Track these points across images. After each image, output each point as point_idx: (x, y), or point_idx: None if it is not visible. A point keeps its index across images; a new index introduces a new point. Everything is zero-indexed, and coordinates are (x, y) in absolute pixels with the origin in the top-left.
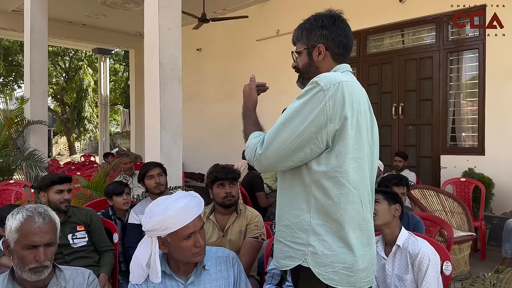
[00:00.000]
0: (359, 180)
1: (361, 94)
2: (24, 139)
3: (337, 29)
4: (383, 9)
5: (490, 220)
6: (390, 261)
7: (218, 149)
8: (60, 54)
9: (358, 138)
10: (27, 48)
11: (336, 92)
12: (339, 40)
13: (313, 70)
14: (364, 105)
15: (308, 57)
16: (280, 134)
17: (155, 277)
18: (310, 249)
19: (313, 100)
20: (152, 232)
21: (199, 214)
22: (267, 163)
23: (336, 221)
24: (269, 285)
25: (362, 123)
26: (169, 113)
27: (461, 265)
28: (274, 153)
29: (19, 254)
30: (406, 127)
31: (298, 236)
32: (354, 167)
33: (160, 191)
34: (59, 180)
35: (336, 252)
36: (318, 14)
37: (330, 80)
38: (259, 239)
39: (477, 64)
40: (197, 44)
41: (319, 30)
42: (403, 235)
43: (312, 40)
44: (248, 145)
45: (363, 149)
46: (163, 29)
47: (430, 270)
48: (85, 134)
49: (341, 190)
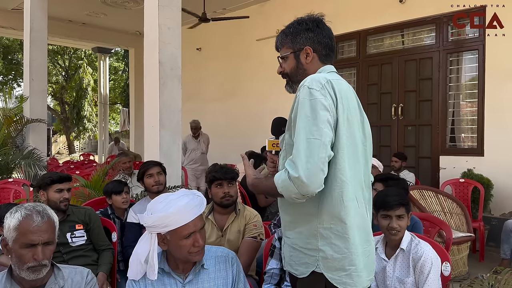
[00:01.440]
0: (354, 176)
1: (348, 91)
2: (23, 137)
3: (322, 31)
4: (383, 9)
5: (489, 221)
6: (392, 263)
7: (217, 149)
8: (60, 52)
9: (350, 135)
10: (27, 46)
11: (327, 90)
12: (325, 42)
13: (301, 73)
14: (353, 101)
15: (295, 60)
16: (310, 147)
17: (151, 273)
18: (321, 254)
19: (315, 103)
20: (152, 228)
21: (200, 213)
22: (314, 180)
23: (341, 221)
24: (268, 284)
25: (353, 119)
26: (168, 112)
27: (460, 266)
28: (317, 168)
29: (18, 253)
30: (405, 127)
31: (309, 241)
32: (349, 163)
33: (159, 190)
34: (59, 179)
35: (345, 255)
36: (301, 18)
37: (319, 81)
38: (257, 239)
39: (476, 65)
40: (197, 44)
41: (305, 33)
42: (407, 238)
43: (298, 44)
44: (282, 187)
45: (356, 146)
46: (163, 28)
47: (432, 273)
48: (84, 133)
49: (342, 187)
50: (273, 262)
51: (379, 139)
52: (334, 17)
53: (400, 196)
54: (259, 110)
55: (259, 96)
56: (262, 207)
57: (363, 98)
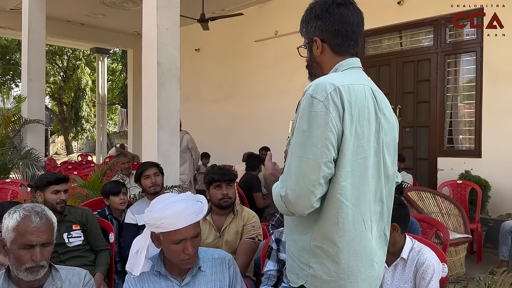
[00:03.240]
0: (359, 195)
1: (363, 96)
2: (21, 138)
3: (331, 16)
4: (381, 11)
5: (486, 223)
6: (391, 270)
7: (216, 150)
8: (58, 53)
9: (357, 149)
10: (25, 46)
11: (333, 101)
12: (334, 29)
13: (316, 66)
14: (367, 109)
15: (309, 52)
16: (301, 166)
17: (136, 268)
18: (311, 271)
19: (315, 116)
20: (147, 225)
21: (196, 221)
22: (302, 203)
23: (333, 243)
24: (265, 286)
25: (364, 130)
26: (166, 113)
27: (457, 267)
28: (305, 189)
29: (16, 254)
30: (403, 129)
31: (302, 254)
32: (353, 182)
33: (156, 191)
34: (56, 181)
35: (334, 279)
36: (314, 2)
37: (325, 88)
38: (255, 240)
39: (474, 66)
40: (195, 44)
41: (314, 22)
42: (408, 246)
43: (310, 34)
44: (275, 200)
45: (365, 160)
46: (161, 29)
47: (434, 280)
48: (83, 133)
49: (338, 208)
50: (270, 264)
51: None
52: None
53: None
54: (258, 111)
55: (258, 97)
56: (260, 208)
57: None
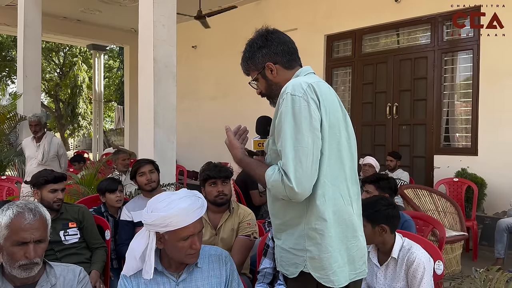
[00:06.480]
0: (337, 175)
1: (329, 91)
2: (16, 134)
3: (273, 41)
4: (378, 9)
5: (482, 220)
6: (383, 269)
7: (212, 147)
8: (54, 49)
9: (331, 136)
10: (21, 43)
11: (309, 95)
12: (280, 50)
13: (275, 88)
14: (334, 102)
15: (264, 79)
16: (298, 156)
17: (146, 273)
18: (308, 254)
19: (299, 109)
20: (151, 227)
21: (201, 216)
22: (303, 188)
23: (324, 219)
24: (261, 283)
25: (336, 119)
26: (163, 110)
27: (453, 264)
28: (305, 176)
29: (9, 251)
30: (400, 126)
31: (298, 242)
32: (330, 164)
33: (151, 188)
34: (53, 179)
35: (331, 254)
36: (250, 40)
37: (301, 85)
38: (251, 237)
39: (471, 65)
40: (192, 41)
41: (259, 52)
42: (398, 245)
43: (258, 64)
44: (272, 186)
45: (339, 145)
46: (157, 25)
47: (426, 278)
48: (79, 130)
49: (324, 188)
50: (266, 262)
51: (373, 138)
52: (329, 16)
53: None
54: (255, 109)
55: (255, 95)
56: (257, 206)
57: (358, 97)
